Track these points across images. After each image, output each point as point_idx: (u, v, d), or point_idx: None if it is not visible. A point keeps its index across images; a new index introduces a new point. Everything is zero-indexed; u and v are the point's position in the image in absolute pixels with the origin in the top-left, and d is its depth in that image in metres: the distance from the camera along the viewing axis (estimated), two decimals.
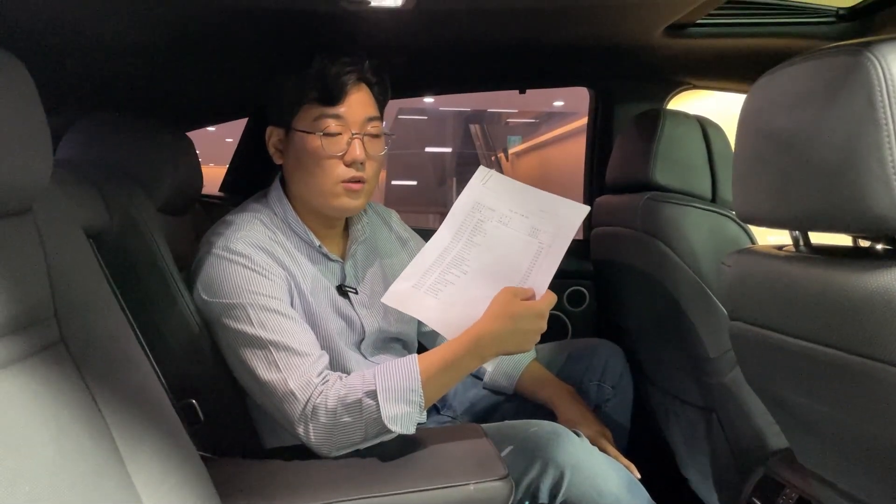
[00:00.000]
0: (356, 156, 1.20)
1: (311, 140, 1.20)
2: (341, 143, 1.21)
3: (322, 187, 1.22)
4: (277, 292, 1.16)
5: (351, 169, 1.21)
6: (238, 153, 2.17)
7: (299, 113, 1.22)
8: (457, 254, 1.14)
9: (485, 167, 1.21)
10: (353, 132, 1.21)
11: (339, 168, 1.21)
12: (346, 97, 1.21)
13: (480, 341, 1.08)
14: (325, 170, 1.21)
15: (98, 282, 0.83)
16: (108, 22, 1.12)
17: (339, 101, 1.20)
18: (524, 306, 1.08)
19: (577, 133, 8.46)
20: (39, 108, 0.68)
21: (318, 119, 1.20)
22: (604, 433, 1.35)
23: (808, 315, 0.77)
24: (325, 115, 1.20)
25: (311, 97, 1.21)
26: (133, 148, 1.31)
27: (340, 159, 1.21)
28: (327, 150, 1.20)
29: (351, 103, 1.21)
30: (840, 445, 0.84)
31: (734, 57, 1.78)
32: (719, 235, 1.38)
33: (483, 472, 1.02)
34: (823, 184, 0.71)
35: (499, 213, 1.16)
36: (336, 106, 1.20)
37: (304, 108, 1.21)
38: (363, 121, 1.23)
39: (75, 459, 0.66)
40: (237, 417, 1.24)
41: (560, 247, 1.12)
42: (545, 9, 1.35)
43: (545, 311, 1.09)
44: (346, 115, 1.21)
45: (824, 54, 0.72)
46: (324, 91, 1.20)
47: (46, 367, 0.68)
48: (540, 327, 1.09)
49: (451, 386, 1.15)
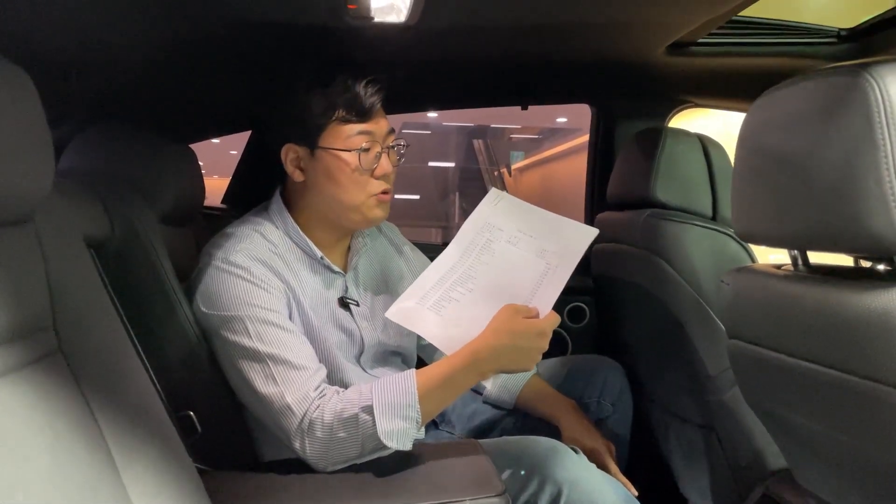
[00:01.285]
0: (387, 169, 1.24)
1: (345, 156, 1.21)
2: (371, 157, 1.22)
3: (356, 201, 1.23)
4: (276, 305, 1.16)
5: (382, 181, 1.24)
6: (241, 165, 2.18)
7: (325, 131, 1.22)
8: (463, 272, 1.15)
9: (496, 189, 1.23)
10: (383, 146, 1.24)
11: (371, 182, 1.23)
12: (375, 114, 1.23)
13: (479, 357, 1.07)
14: (358, 185, 1.22)
15: (98, 292, 0.83)
16: (112, 35, 1.13)
17: (370, 117, 1.22)
18: (525, 324, 1.07)
19: (580, 150, 8.49)
20: (42, 118, 0.69)
21: (350, 136, 1.21)
22: (608, 447, 1.35)
23: (806, 334, 0.77)
24: (357, 132, 1.21)
25: (339, 116, 1.21)
26: (136, 159, 1.31)
27: (371, 173, 1.23)
28: (364, 165, 1.21)
29: (377, 118, 1.24)
30: (838, 466, 0.84)
31: (735, 76, 1.79)
32: (719, 253, 1.38)
33: (479, 489, 1.01)
34: (821, 203, 0.71)
35: (508, 234, 1.17)
36: (367, 122, 1.22)
37: (331, 126, 1.22)
38: (386, 134, 1.26)
39: (70, 469, 0.66)
40: (235, 430, 1.23)
41: (566, 268, 1.13)
42: (547, 26, 1.36)
43: (547, 329, 1.08)
44: (374, 130, 1.23)
45: (823, 74, 0.73)
46: (355, 109, 1.21)
47: (44, 376, 0.68)
48: (541, 346, 1.08)
49: (450, 402, 1.14)
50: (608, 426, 1.52)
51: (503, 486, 1.02)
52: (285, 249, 1.24)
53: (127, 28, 1.11)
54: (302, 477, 1.08)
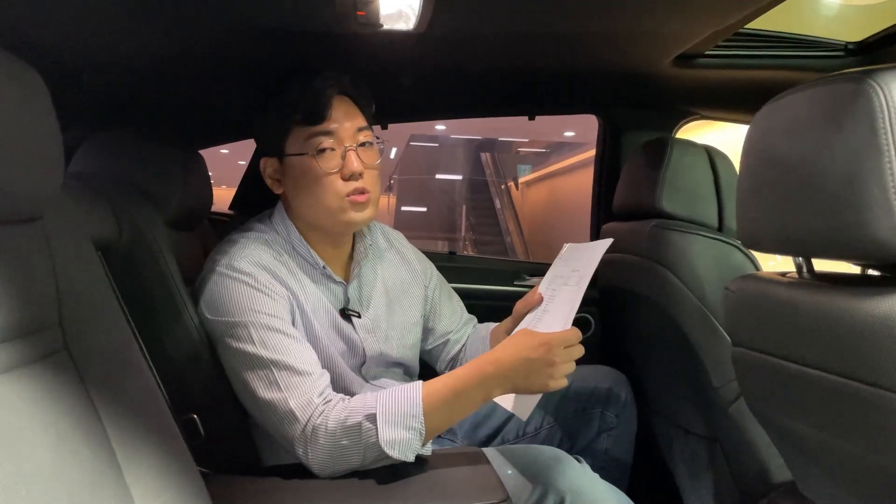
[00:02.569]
0: (353, 168, 1.20)
1: (306, 161, 1.20)
2: (336, 158, 1.21)
3: (327, 206, 1.21)
4: (280, 311, 1.16)
5: (351, 182, 1.21)
6: (248, 172, 2.19)
7: (289, 138, 1.22)
8: None
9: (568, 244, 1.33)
10: (346, 145, 1.21)
11: (338, 183, 1.21)
12: (332, 112, 1.21)
13: (484, 371, 1.07)
14: (325, 188, 1.20)
15: (105, 293, 0.84)
16: (123, 41, 1.14)
17: (325, 117, 1.20)
18: (531, 336, 1.08)
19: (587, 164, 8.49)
20: (54, 117, 0.69)
21: (308, 139, 1.20)
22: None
23: (810, 341, 0.77)
24: (315, 133, 1.20)
25: (296, 119, 1.20)
26: (144, 164, 1.32)
27: (338, 175, 1.21)
28: (323, 167, 1.20)
29: (338, 117, 1.21)
30: (843, 475, 0.83)
31: (742, 88, 1.79)
32: (725, 264, 1.38)
33: (483, 496, 1.01)
34: (826, 209, 0.71)
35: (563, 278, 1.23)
36: (323, 123, 1.20)
37: (292, 132, 1.21)
38: (353, 133, 1.23)
39: (73, 467, 0.66)
40: (237, 434, 1.23)
41: (585, 280, 1.16)
42: (555, 36, 1.37)
43: (553, 341, 1.06)
44: (335, 129, 1.21)
45: (827, 81, 0.73)
46: (308, 110, 1.20)
47: (49, 373, 0.68)
48: (547, 358, 1.05)
49: (456, 418, 1.13)
50: (612, 437, 1.52)
51: (506, 494, 1.02)
52: (288, 257, 1.24)
53: (137, 34, 1.12)
54: (305, 482, 1.08)
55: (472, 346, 1.46)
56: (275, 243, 1.24)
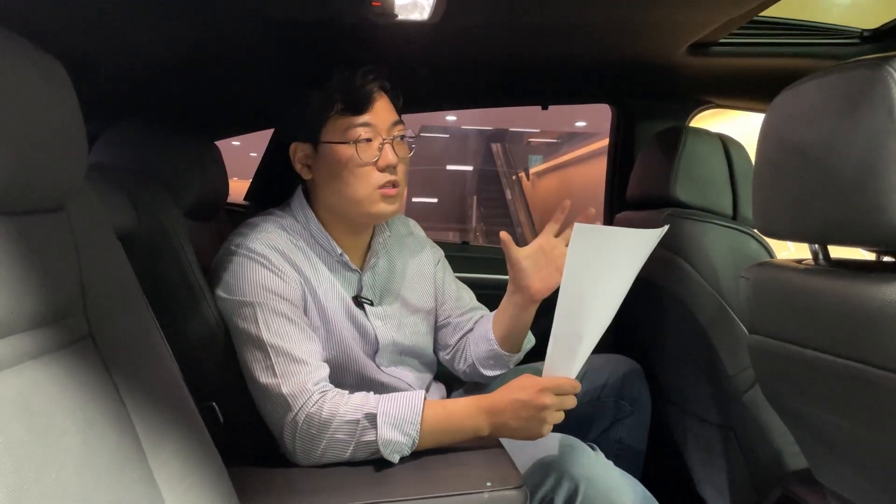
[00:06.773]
0: (390, 160, 1.23)
1: (344, 150, 1.22)
2: (373, 149, 1.23)
3: (359, 195, 1.24)
4: (289, 294, 1.18)
5: (385, 174, 1.24)
6: (263, 163, 2.21)
7: (326, 125, 1.24)
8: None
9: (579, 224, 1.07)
10: (384, 138, 1.24)
11: (374, 175, 1.23)
12: (373, 105, 1.23)
13: (479, 403, 1.11)
14: (360, 178, 1.23)
15: (127, 281, 0.85)
16: (141, 33, 1.15)
17: (366, 108, 1.23)
18: (529, 379, 1.10)
19: (598, 154, 8.45)
20: (77, 109, 0.70)
21: (349, 129, 1.22)
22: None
23: (827, 327, 0.77)
24: (355, 124, 1.22)
25: (337, 109, 1.23)
26: (162, 154, 1.33)
27: (374, 166, 1.23)
28: (362, 157, 1.22)
29: (377, 110, 1.24)
30: (858, 461, 0.84)
31: (756, 77, 1.78)
32: (739, 252, 1.38)
33: (498, 481, 1.02)
34: (842, 196, 0.71)
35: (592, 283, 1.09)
36: (364, 114, 1.23)
37: (330, 120, 1.24)
38: (390, 126, 1.25)
39: (100, 451, 0.67)
40: (255, 422, 1.25)
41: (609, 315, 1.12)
42: (569, 26, 1.36)
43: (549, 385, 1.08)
44: (374, 122, 1.23)
45: (844, 68, 0.73)
46: (351, 101, 1.22)
47: (75, 360, 0.69)
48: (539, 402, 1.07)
49: (445, 440, 1.13)
50: (626, 426, 1.52)
51: (521, 481, 1.03)
52: (305, 244, 1.26)
53: (155, 27, 1.13)
54: (322, 469, 1.09)
55: (476, 344, 1.43)
56: (292, 229, 1.26)
